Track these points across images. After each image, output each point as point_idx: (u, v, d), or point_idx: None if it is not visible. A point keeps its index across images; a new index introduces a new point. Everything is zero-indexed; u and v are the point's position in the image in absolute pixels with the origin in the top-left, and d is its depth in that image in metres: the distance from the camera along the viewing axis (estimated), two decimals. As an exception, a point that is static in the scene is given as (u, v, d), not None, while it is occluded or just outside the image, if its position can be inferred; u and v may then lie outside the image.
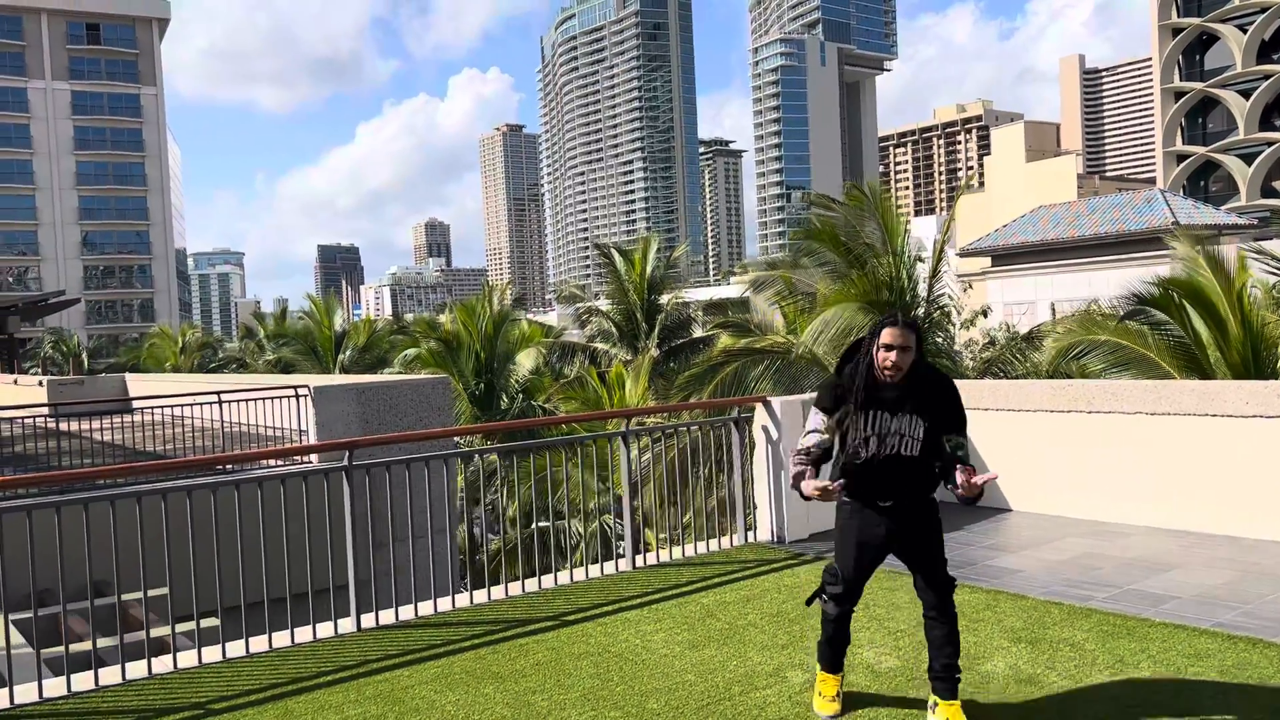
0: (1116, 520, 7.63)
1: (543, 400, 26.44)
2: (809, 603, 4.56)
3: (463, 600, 6.41)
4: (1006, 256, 46.09)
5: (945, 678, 4.19)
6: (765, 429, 7.86)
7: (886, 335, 4.10)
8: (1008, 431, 8.38)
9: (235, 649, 5.59)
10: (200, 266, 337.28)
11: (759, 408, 7.95)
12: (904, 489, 4.23)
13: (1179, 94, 62.05)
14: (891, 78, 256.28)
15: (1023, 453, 8.30)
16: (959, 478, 4.10)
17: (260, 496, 5.70)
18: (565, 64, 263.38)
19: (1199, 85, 60.81)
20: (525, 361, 29.86)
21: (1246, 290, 11.31)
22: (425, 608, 6.22)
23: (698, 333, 32.77)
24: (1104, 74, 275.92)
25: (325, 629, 5.85)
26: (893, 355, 4.08)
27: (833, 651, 4.48)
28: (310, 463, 11.96)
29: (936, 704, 4.22)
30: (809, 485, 4.20)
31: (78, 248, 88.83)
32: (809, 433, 4.33)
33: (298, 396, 14.48)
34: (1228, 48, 59.42)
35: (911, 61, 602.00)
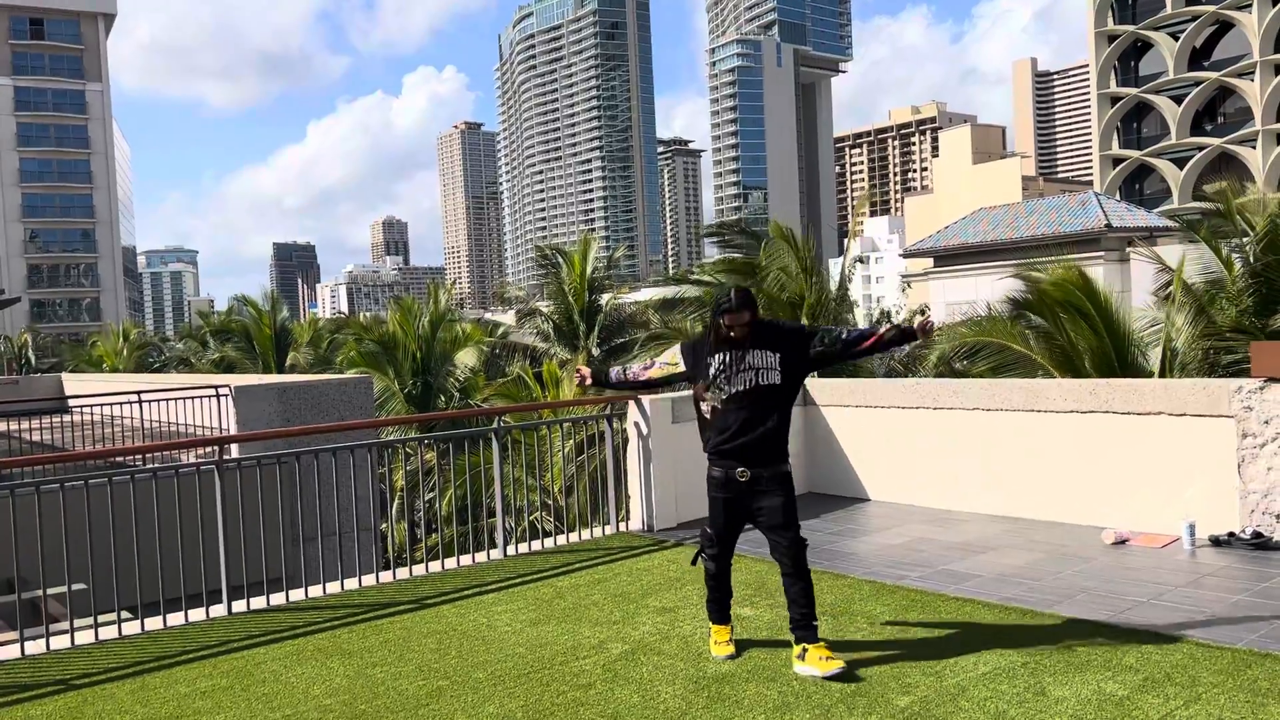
0: (957, 508, 8.25)
1: (480, 400, 26.80)
2: (694, 562, 5.33)
3: (334, 587, 6.86)
4: (948, 257, 47.11)
5: (804, 625, 4.88)
6: (637, 424, 8.38)
7: (727, 319, 4.85)
8: (868, 426, 8.98)
9: (108, 632, 6.00)
10: (152, 264, 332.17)
11: (631, 405, 8.46)
12: (763, 439, 4.90)
13: (1115, 99, 63.71)
14: (844, 78, 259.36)
15: (880, 446, 8.90)
16: (891, 330, 4.88)
17: (155, 491, 6.10)
18: (523, 62, 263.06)
19: (1134, 91, 62.50)
20: (467, 361, 30.19)
21: (1112, 296, 12.03)
22: (296, 594, 6.66)
23: (649, 332, 33.27)
24: (1055, 77, 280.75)
25: (197, 614, 6.28)
26: (736, 331, 4.85)
27: (718, 606, 5.23)
28: (226, 457, 12.33)
29: (806, 650, 4.83)
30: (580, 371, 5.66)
31: (21, 245, 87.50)
32: (658, 363, 5.31)
33: (219, 396, 14.79)
34: (1161, 54, 61.13)
35: (863, 62, 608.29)
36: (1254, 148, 57.40)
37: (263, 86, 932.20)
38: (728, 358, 4.88)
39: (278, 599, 6.58)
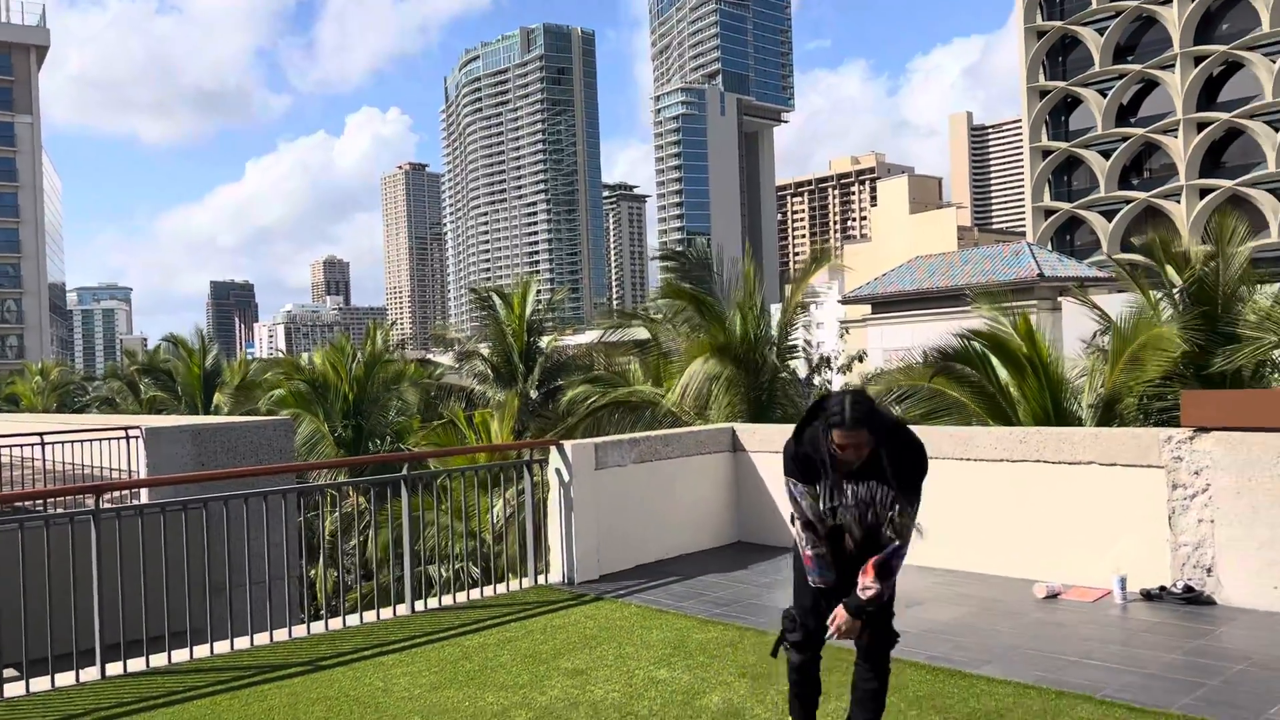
0: (887, 560, 7.99)
1: (412, 443, 26.15)
2: (774, 653, 4.24)
3: (223, 647, 6.36)
4: (885, 304, 47.65)
5: None
6: (559, 471, 8.02)
7: (839, 436, 3.76)
8: (798, 475, 8.72)
9: (-38, 700, 5.45)
10: (84, 301, 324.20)
11: (553, 451, 8.11)
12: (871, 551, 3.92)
13: (1046, 152, 65.40)
14: (784, 127, 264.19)
15: (810, 495, 8.63)
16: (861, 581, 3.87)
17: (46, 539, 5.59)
18: (469, 104, 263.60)
19: (1064, 145, 64.23)
20: (408, 400, 29.50)
21: (1045, 343, 12.00)
22: (180, 654, 6.15)
23: (586, 375, 32.94)
24: (989, 131, 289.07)
25: (65, 678, 5.74)
26: (848, 453, 3.78)
27: (801, 705, 4.25)
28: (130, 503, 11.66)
29: None
30: (841, 617, 3.89)
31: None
32: (797, 506, 4.04)
33: (129, 438, 14.10)
34: (1090, 110, 63.00)
35: (802, 112, 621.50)
36: (1178, 201, 59.19)
37: (199, 123, 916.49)
38: (839, 491, 3.90)
39: (159, 660, 6.07)
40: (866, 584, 3.84)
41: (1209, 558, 6.47)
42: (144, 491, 12.07)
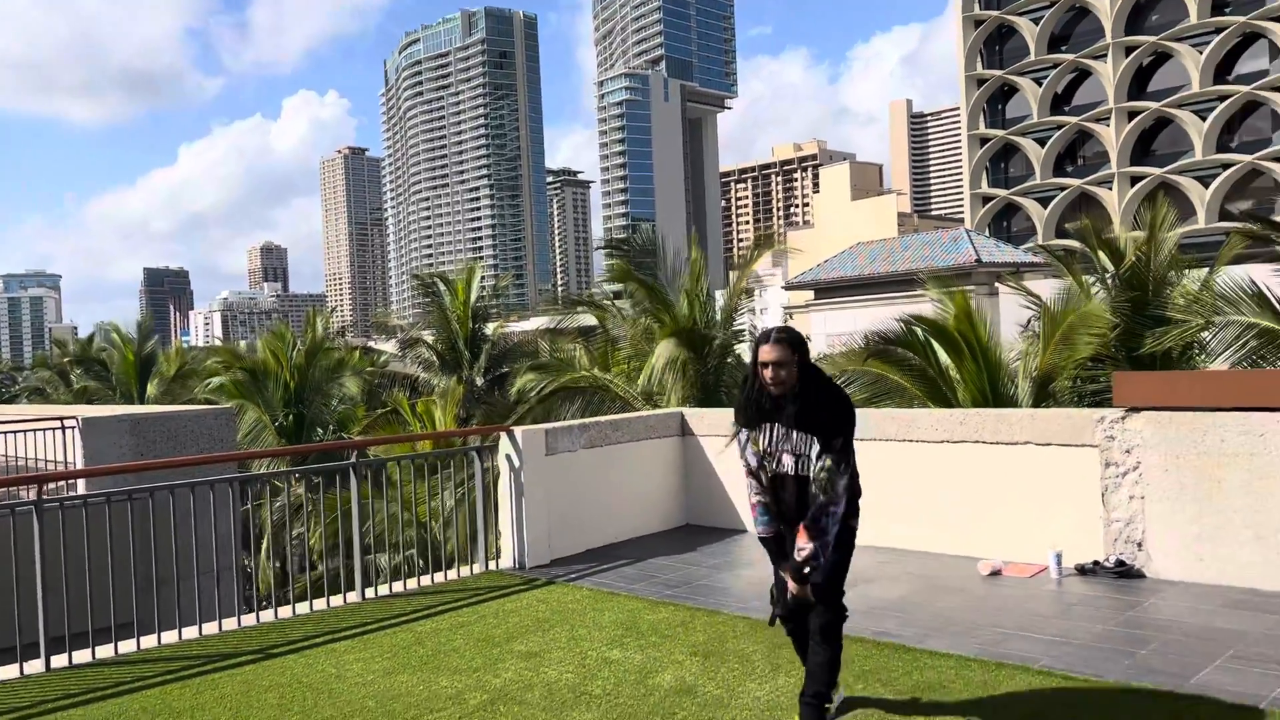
0: (833, 540, 8.16)
1: (356, 432, 25.89)
2: (771, 623, 4.49)
3: (170, 637, 6.30)
4: (828, 290, 48.15)
5: (814, 705, 4.21)
6: (509, 457, 8.05)
7: (764, 352, 4.09)
8: (745, 458, 8.85)
9: (-99, 695, 5.34)
10: (10, 289, 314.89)
11: (503, 437, 8.13)
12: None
13: (984, 140, 66.54)
14: (727, 114, 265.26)
15: (757, 478, 8.77)
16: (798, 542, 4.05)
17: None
18: (409, 88, 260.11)
19: (1001, 133, 65.40)
20: (348, 390, 29.16)
21: (983, 326, 12.28)
22: (127, 645, 6.08)
23: (533, 361, 32.82)
24: (929, 119, 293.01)
25: (8, 671, 5.65)
26: (769, 373, 4.07)
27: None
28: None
29: None
30: (791, 584, 4.14)
31: None
32: (744, 455, 4.28)
33: (64, 429, 13.79)
34: (1026, 99, 64.20)
35: (745, 99, 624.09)
36: (1110, 189, 60.66)
37: (129, 105, 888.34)
38: (771, 438, 4.15)
39: (105, 652, 6.00)
40: (800, 544, 4.08)
41: (1139, 533, 6.72)
42: (81, 482, 11.84)
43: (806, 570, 4.08)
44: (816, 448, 4.06)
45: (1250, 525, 6.28)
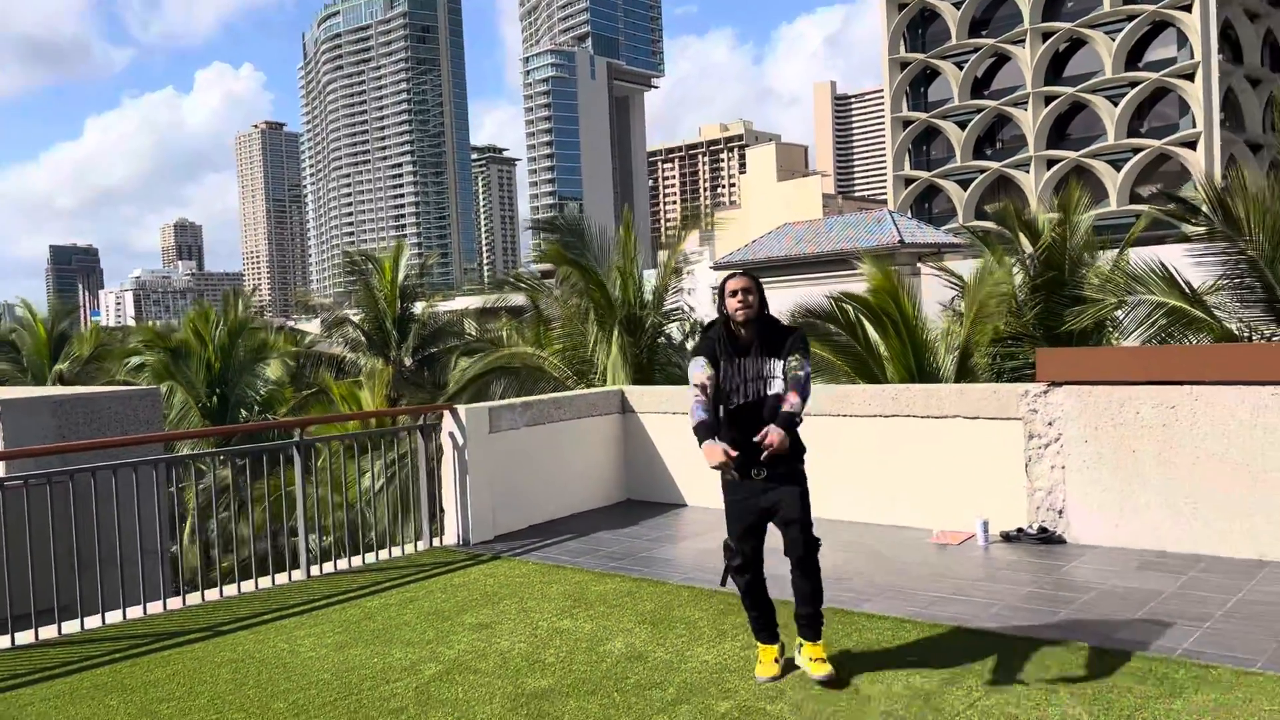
0: (770, 512, 8.41)
1: (283, 413, 25.50)
2: (723, 583, 4.83)
3: (115, 617, 6.25)
4: (756, 270, 48.53)
5: (809, 624, 4.77)
6: (452, 435, 8.11)
7: (731, 284, 4.67)
8: (684, 432, 9.02)
9: None
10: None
11: (446, 415, 8.19)
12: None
13: (906, 122, 67.81)
14: (653, 93, 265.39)
15: (696, 452, 8.95)
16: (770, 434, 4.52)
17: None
18: (329, 62, 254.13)
19: (923, 115, 66.70)
20: (271, 373, 28.68)
21: (909, 304, 12.67)
22: (71, 626, 6.03)
23: (464, 342, 32.64)
24: (852, 101, 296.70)
25: (-51, 654, 5.57)
26: (737, 299, 4.63)
27: (758, 623, 4.90)
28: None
29: (802, 645, 4.79)
30: (713, 449, 4.60)
31: None
32: (695, 375, 4.73)
33: (-19, 411, 13.36)
34: (947, 82, 65.55)
35: (671, 78, 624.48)
36: (1027, 171, 62.38)
37: (31, 76, 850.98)
38: (740, 368, 4.69)
39: (49, 633, 5.94)
40: (772, 426, 4.54)
41: (1060, 501, 7.09)
42: (0, 465, 11.53)
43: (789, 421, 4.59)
44: (780, 363, 4.65)
45: (1162, 492, 6.67)
